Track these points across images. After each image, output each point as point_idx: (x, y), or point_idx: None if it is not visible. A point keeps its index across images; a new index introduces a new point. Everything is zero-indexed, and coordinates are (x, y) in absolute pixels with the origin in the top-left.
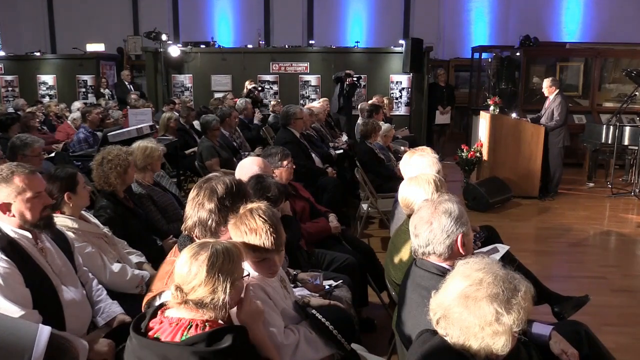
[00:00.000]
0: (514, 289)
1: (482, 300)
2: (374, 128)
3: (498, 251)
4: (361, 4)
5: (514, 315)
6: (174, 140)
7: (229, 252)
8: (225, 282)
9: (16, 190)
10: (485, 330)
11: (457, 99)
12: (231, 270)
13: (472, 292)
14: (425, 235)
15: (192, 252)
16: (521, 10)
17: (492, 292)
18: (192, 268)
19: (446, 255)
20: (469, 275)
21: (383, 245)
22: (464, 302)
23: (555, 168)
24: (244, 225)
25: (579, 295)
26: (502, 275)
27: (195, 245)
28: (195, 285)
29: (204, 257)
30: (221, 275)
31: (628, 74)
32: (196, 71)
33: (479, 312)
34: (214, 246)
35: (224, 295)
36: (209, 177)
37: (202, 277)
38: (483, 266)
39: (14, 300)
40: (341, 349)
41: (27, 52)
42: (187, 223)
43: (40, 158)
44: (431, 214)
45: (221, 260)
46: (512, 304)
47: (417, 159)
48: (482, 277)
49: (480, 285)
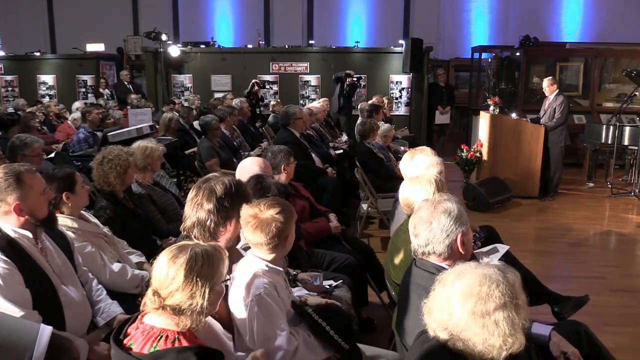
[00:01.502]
0: (513, 287)
1: (495, 313)
2: (372, 128)
3: (498, 251)
4: (361, 4)
5: (523, 313)
6: (174, 140)
7: (209, 256)
8: (204, 287)
9: (28, 189)
10: (507, 339)
11: (457, 99)
12: (210, 275)
13: (483, 309)
14: (425, 235)
15: (171, 254)
16: (521, 10)
17: (501, 303)
18: (170, 272)
19: (446, 255)
20: (471, 292)
21: (383, 245)
22: (480, 322)
23: (556, 168)
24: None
25: (579, 295)
26: (500, 279)
27: (174, 247)
28: (173, 290)
29: (182, 261)
30: (200, 279)
31: (628, 74)
32: (196, 71)
33: (496, 328)
34: (193, 249)
35: (202, 301)
36: (208, 177)
37: (180, 281)
38: (479, 278)
39: (14, 301)
40: (339, 350)
41: (27, 52)
42: (186, 223)
43: (40, 158)
44: (430, 214)
45: (200, 263)
46: (519, 305)
47: (420, 158)
48: (486, 290)
49: (489, 299)
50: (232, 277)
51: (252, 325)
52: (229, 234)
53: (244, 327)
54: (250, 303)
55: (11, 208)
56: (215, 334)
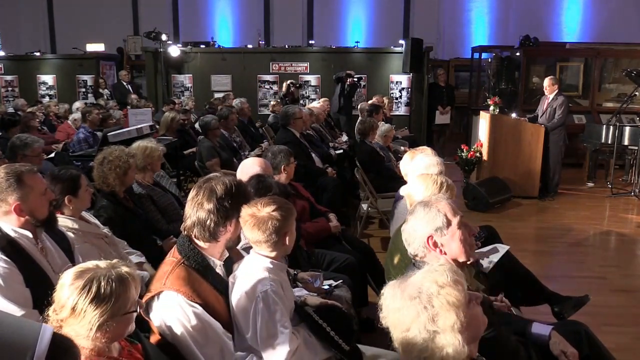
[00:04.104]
0: (428, 295)
1: (414, 330)
2: (372, 126)
3: (498, 251)
4: (361, 4)
5: (443, 317)
6: (174, 140)
7: (114, 282)
8: (103, 315)
9: (28, 189)
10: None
11: (457, 99)
12: (110, 303)
13: (408, 332)
14: (405, 236)
15: (75, 275)
16: (521, 10)
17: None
18: (63, 293)
19: (422, 255)
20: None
21: (383, 245)
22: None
23: (555, 168)
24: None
25: (579, 295)
26: (409, 293)
27: (82, 267)
28: (65, 317)
29: (79, 285)
30: (95, 307)
31: (628, 74)
32: (196, 71)
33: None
34: (97, 272)
35: (92, 333)
36: (209, 177)
37: (70, 305)
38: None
39: (14, 301)
40: (339, 350)
41: (27, 52)
42: (187, 223)
43: (40, 158)
44: (409, 215)
45: (95, 290)
46: (437, 312)
47: (420, 158)
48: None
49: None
50: (235, 275)
51: (256, 321)
52: (229, 234)
53: (246, 324)
54: (255, 299)
55: (11, 208)
56: (215, 334)
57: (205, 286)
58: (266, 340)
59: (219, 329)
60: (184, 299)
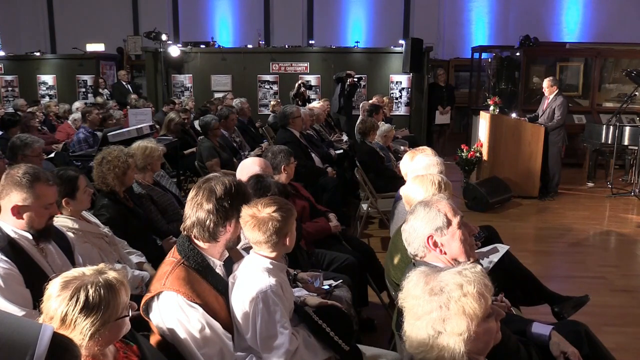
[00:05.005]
0: (447, 297)
1: (423, 322)
2: (372, 126)
3: (498, 251)
4: (361, 4)
5: (454, 322)
6: (174, 140)
7: (102, 289)
8: (94, 324)
9: (35, 197)
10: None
11: (457, 99)
12: (100, 311)
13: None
14: (405, 236)
15: (62, 285)
16: (521, 10)
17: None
18: (51, 304)
19: (422, 255)
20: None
21: (383, 245)
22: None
23: (555, 168)
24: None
25: (579, 295)
26: (432, 287)
27: (68, 275)
28: (55, 328)
29: (66, 295)
30: (85, 316)
31: (628, 74)
32: (196, 71)
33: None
34: (83, 280)
35: (85, 342)
36: (208, 177)
37: (59, 316)
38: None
39: (14, 301)
40: (339, 351)
41: (27, 52)
42: (186, 223)
43: (40, 158)
44: (409, 215)
45: (84, 299)
46: (450, 316)
47: (420, 158)
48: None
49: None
50: (235, 276)
51: (256, 321)
52: (229, 235)
53: (246, 324)
54: (255, 300)
55: (10, 205)
56: (215, 334)
57: (205, 286)
58: (266, 340)
59: (218, 329)
60: (183, 299)
